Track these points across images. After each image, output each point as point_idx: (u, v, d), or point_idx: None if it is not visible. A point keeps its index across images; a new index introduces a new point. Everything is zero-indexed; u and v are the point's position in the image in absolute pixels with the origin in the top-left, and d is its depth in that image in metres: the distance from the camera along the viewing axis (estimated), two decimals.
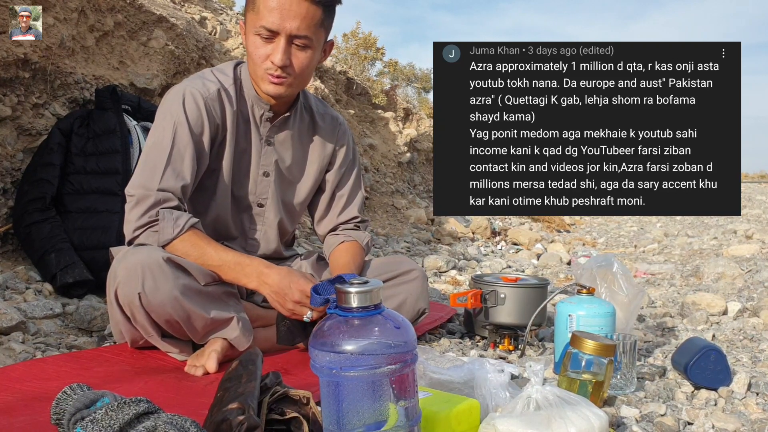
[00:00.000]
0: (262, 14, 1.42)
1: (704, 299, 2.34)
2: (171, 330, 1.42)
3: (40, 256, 2.09)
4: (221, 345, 1.44)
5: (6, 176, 2.24)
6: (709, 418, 1.25)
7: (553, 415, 1.02)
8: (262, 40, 1.44)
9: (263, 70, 1.47)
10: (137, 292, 1.33)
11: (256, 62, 1.48)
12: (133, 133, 2.33)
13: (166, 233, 1.41)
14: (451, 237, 4.35)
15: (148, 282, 1.33)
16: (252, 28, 1.45)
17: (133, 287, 1.34)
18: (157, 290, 1.34)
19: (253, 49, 1.46)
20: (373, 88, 5.71)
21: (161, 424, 0.82)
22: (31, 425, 1.03)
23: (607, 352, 1.28)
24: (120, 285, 1.36)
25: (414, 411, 0.88)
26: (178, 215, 1.42)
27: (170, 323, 1.39)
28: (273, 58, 1.44)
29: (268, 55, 1.45)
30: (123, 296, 1.36)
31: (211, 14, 3.86)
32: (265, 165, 1.62)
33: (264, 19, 1.42)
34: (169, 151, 1.46)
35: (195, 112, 1.49)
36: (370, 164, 5.10)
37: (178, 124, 1.48)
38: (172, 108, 1.50)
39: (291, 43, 1.45)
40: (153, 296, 1.34)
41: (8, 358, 1.45)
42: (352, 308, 0.86)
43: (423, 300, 1.68)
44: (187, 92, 1.50)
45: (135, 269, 1.34)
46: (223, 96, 1.54)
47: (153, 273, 1.34)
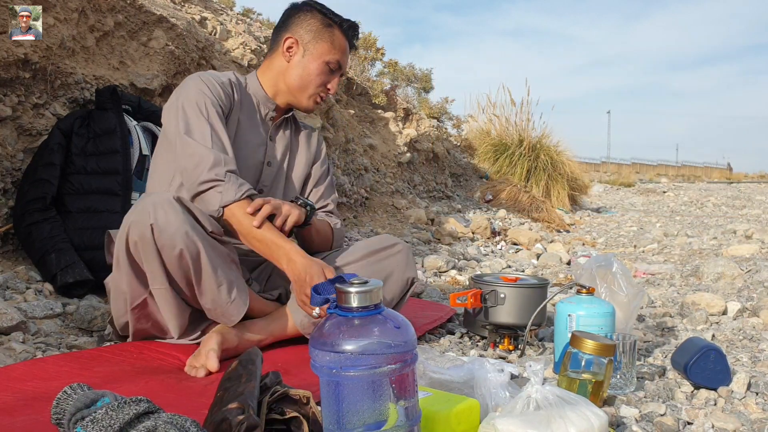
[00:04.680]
0: (337, 51, 1.70)
1: (704, 299, 2.34)
2: (178, 276, 1.44)
3: (40, 256, 2.10)
4: (217, 341, 1.45)
5: (6, 176, 2.24)
6: (709, 418, 1.25)
7: (552, 415, 1.02)
8: (329, 69, 1.70)
9: (317, 92, 1.72)
10: (149, 224, 1.39)
11: (314, 83, 1.70)
12: (133, 134, 2.34)
13: (228, 194, 1.49)
14: (451, 237, 4.35)
15: (159, 214, 1.40)
16: (323, 56, 1.69)
17: (145, 221, 1.40)
18: (169, 223, 1.40)
19: (318, 73, 1.69)
20: (373, 88, 5.70)
21: (161, 424, 0.82)
22: (32, 425, 1.03)
23: (607, 351, 1.29)
24: (132, 225, 1.42)
25: (414, 411, 0.88)
26: (241, 181, 1.53)
27: (179, 262, 1.42)
28: (331, 87, 1.73)
29: (326, 82, 1.72)
30: (134, 234, 1.41)
31: (212, 14, 3.86)
32: (270, 156, 1.76)
33: (339, 57, 1.70)
34: (210, 127, 1.56)
35: (215, 88, 1.62)
36: (370, 164, 5.10)
37: (206, 104, 1.58)
38: (191, 91, 1.59)
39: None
40: (165, 227, 1.39)
41: (9, 358, 1.45)
42: (352, 308, 0.86)
43: (411, 270, 1.73)
44: (202, 76, 1.64)
45: (146, 207, 1.41)
46: (233, 84, 1.69)
47: (164, 208, 1.41)
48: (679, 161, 40.12)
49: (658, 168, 34.18)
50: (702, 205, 9.31)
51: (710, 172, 35.68)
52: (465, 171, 7.01)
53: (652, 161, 36.12)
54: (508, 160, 7.26)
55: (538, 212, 5.94)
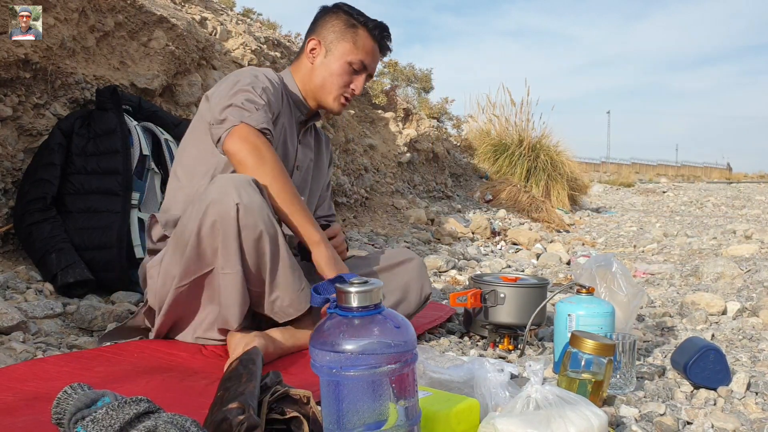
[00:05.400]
0: (360, 51, 1.69)
1: (703, 299, 2.34)
2: (252, 259, 1.41)
3: (40, 256, 2.10)
4: (261, 344, 1.41)
5: (7, 176, 2.25)
6: (709, 418, 1.25)
7: (552, 415, 1.02)
8: (353, 70, 1.70)
9: (341, 92, 1.71)
10: (235, 203, 1.36)
11: (338, 84, 1.70)
12: (133, 134, 2.34)
13: (258, 118, 1.48)
14: (451, 237, 4.35)
15: (244, 194, 1.37)
16: (347, 56, 1.68)
17: (228, 200, 1.36)
18: (253, 202, 1.38)
19: (341, 73, 1.69)
20: (373, 88, 5.70)
21: (162, 424, 0.82)
22: (32, 425, 1.03)
23: (607, 351, 1.29)
24: (212, 203, 1.37)
25: (414, 410, 0.88)
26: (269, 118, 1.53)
27: (257, 245, 1.40)
28: (355, 87, 1.72)
29: (350, 83, 1.71)
30: (215, 213, 1.37)
31: (212, 15, 3.86)
32: (300, 160, 1.78)
33: (363, 56, 1.70)
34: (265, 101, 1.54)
35: (271, 87, 1.61)
36: (370, 164, 5.10)
37: (264, 85, 1.57)
38: (254, 77, 1.58)
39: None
40: (250, 206, 1.37)
41: (9, 358, 1.45)
42: (352, 308, 0.86)
43: (427, 285, 1.79)
44: (264, 71, 1.63)
45: (228, 186, 1.38)
46: (279, 85, 1.68)
47: (247, 189, 1.38)
48: (678, 161, 40.18)
49: (657, 168, 34.20)
50: (702, 205, 9.31)
51: (710, 172, 35.69)
52: (465, 171, 7.01)
53: (651, 161, 36.16)
54: (508, 160, 7.26)
55: (538, 212, 5.95)
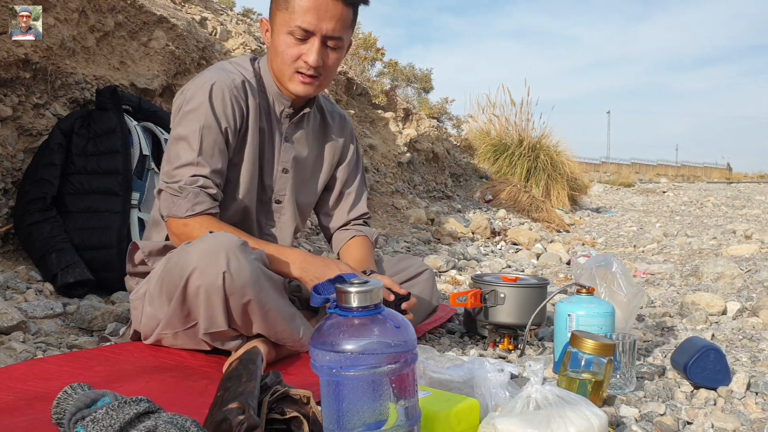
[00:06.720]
0: (296, 14, 1.42)
1: (703, 299, 2.34)
2: (240, 320, 1.36)
3: (40, 256, 2.10)
4: (264, 351, 1.40)
5: (7, 176, 2.25)
6: (709, 418, 1.25)
7: (552, 415, 1.02)
8: (294, 39, 1.45)
9: (293, 69, 1.48)
10: (222, 272, 1.29)
11: (286, 61, 1.48)
12: (133, 134, 2.34)
13: (183, 206, 1.41)
14: (451, 237, 4.35)
15: (233, 262, 1.30)
16: (283, 27, 1.45)
17: (216, 268, 1.29)
18: (241, 270, 1.30)
19: (285, 48, 1.46)
20: (373, 88, 5.70)
21: (162, 424, 0.82)
22: (32, 425, 1.03)
23: (607, 351, 1.29)
24: (197, 269, 1.31)
25: (414, 410, 0.88)
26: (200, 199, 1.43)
27: (244, 309, 1.34)
28: (307, 58, 1.46)
29: (300, 55, 1.46)
30: (200, 279, 1.31)
31: (212, 15, 3.87)
32: (284, 161, 1.62)
33: (299, 20, 1.42)
34: (199, 147, 1.45)
35: (221, 105, 1.47)
36: (370, 164, 5.10)
37: (205, 118, 1.46)
38: (199, 99, 1.47)
39: (324, 44, 1.47)
40: (238, 273, 1.30)
41: (9, 358, 1.45)
42: (352, 308, 0.86)
43: (435, 298, 1.78)
44: (216, 86, 1.48)
45: (217, 251, 1.30)
46: (248, 88, 1.53)
47: (236, 254, 1.31)
48: (678, 161, 40.18)
49: (657, 168, 34.20)
50: (702, 205, 9.31)
51: (710, 172, 35.69)
52: (465, 171, 7.01)
53: (651, 161, 36.17)
54: (508, 160, 7.27)
55: (538, 212, 5.95)
